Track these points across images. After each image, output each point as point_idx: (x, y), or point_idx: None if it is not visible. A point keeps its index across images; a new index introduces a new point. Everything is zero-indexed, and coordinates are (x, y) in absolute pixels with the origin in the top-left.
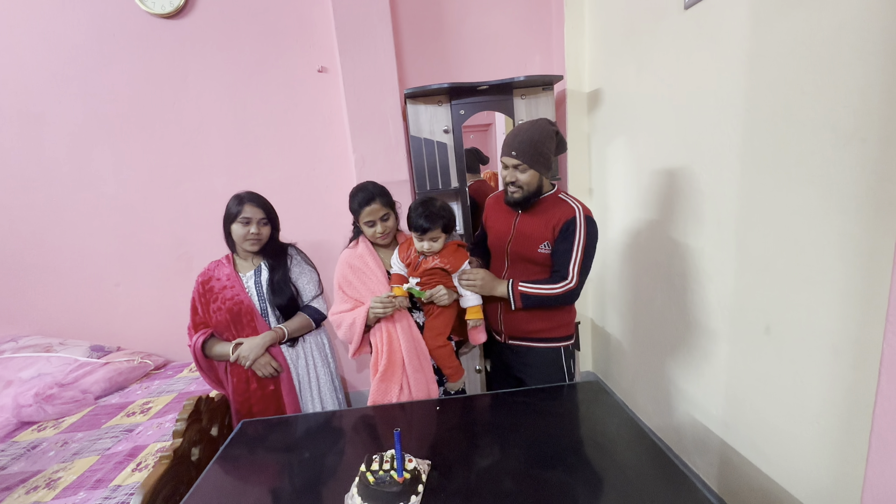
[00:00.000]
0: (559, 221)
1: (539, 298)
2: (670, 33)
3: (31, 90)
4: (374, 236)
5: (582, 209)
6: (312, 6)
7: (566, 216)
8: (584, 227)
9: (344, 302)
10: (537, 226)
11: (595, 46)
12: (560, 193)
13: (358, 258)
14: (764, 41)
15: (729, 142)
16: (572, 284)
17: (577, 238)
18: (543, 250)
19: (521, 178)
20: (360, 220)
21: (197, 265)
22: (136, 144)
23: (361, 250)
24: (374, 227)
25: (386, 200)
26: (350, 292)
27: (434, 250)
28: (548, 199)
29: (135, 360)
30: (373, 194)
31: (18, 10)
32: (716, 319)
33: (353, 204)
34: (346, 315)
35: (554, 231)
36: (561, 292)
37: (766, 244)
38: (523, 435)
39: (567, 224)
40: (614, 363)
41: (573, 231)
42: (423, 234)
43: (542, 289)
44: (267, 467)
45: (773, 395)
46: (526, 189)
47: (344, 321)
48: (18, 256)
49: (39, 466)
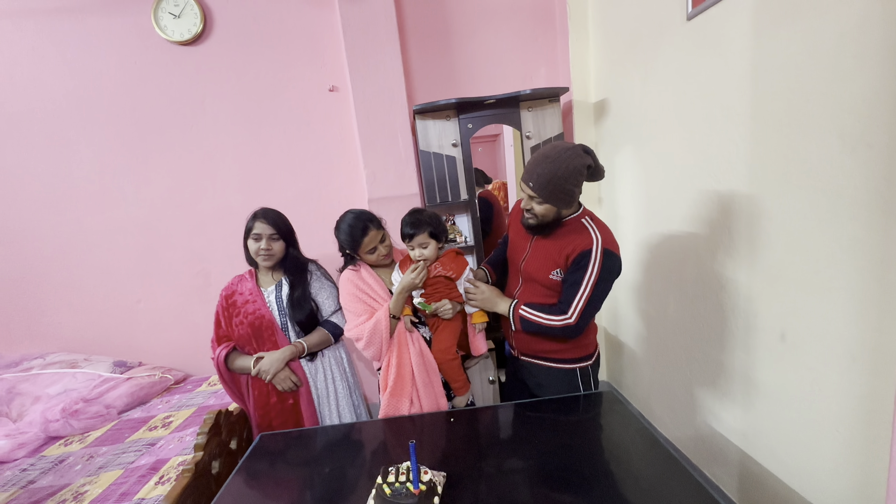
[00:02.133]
0: (574, 251)
1: (537, 326)
2: (674, 44)
3: (59, 116)
4: (377, 259)
5: (601, 240)
6: (323, 28)
7: (582, 247)
8: (600, 261)
9: (357, 315)
10: (552, 251)
11: (599, 57)
12: (584, 218)
13: (359, 278)
14: (767, 50)
15: (736, 150)
16: (571, 321)
17: (588, 272)
18: (555, 277)
19: (536, 209)
20: (362, 250)
21: (214, 281)
22: (156, 166)
23: (364, 274)
24: (375, 252)
25: (378, 224)
26: (358, 304)
27: (427, 256)
28: (569, 223)
29: (156, 375)
30: (365, 223)
31: (46, 41)
32: (730, 327)
33: (347, 238)
34: (365, 324)
35: (567, 260)
36: (558, 326)
37: (778, 251)
38: (538, 446)
39: (581, 255)
40: (628, 372)
41: (586, 264)
42: (411, 239)
43: (542, 317)
44: (285, 480)
45: (792, 403)
46: (540, 219)
47: (365, 329)
48: (46, 275)
49: (67, 480)
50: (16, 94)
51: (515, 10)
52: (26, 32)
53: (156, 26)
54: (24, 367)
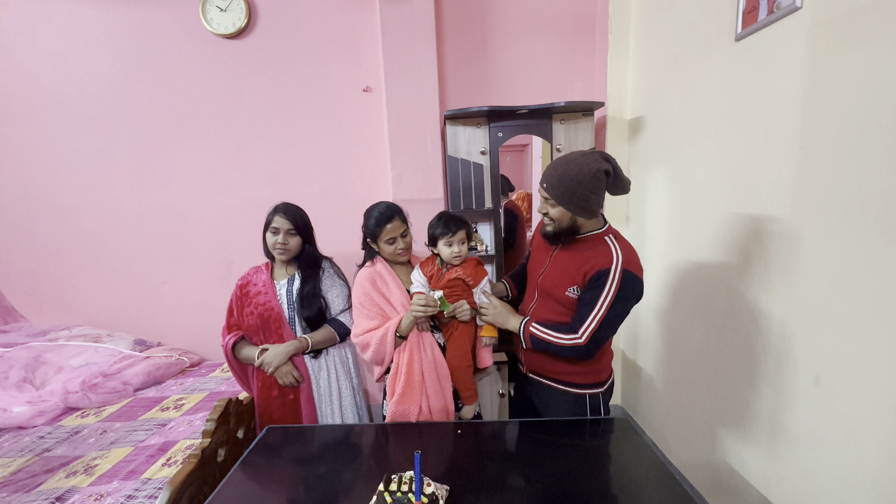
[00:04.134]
0: (592, 268)
1: (546, 344)
2: (719, 64)
3: (105, 100)
4: (394, 253)
5: (622, 259)
6: (361, 29)
7: (601, 265)
8: (618, 281)
9: (367, 319)
10: (570, 267)
11: (639, 74)
12: (608, 235)
13: (377, 275)
14: (822, 77)
15: (780, 179)
16: (580, 341)
17: (604, 292)
18: (571, 294)
19: (550, 212)
20: (381, 238)
21: (236, 270)
22: (190, 153)
23: (380, 269)
24: (394, 244)
25: (403, 217)
26: (371, 308)
27: (462, 253)
28: (591, 239)
29: (173, 357)
30: (392, 212)
31: (100, 27)
32: (759, 364)
33: (372, 222)
34: (373, 333)
35: (585, 277)
36: (567, 345)
37: (819, 289)
38: (546, 469)
39: (599, 274)
40: (644, 399)
41: (603, 283)
42: (453, 235)
43: (551, 335)
44: (288, 477)
45: (822, 452)
46: (557, 224)
47: (372, 339)
48: (80, 251)
49: (80, 452)
50: (68, 77)
51: (555, 21)
52: (82, 19)
53: (203, 19)
54: (52, 337)
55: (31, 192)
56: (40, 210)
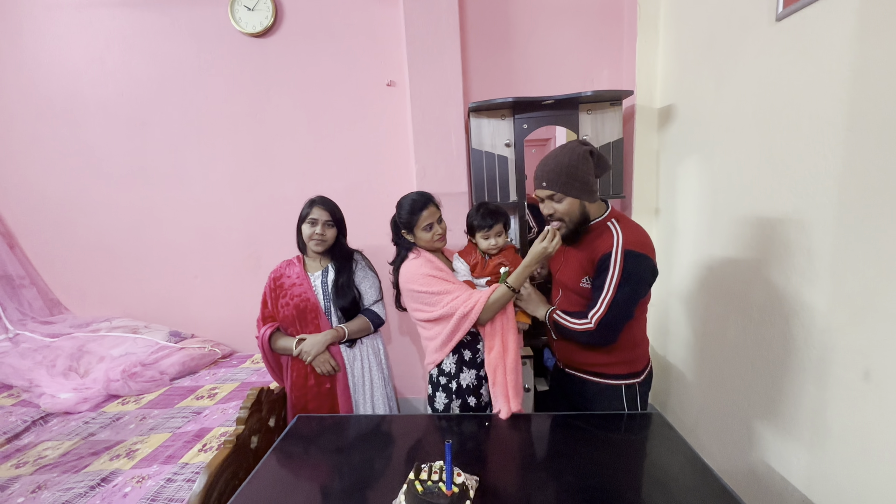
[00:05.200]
0: (597, 255)
1: (565, 330)
2: (758, 46)
3: (140, 100)
4: (432, 239)
5: (622, 240)
6: (385, 24)
7: (603, 249)
8: (620, 262)
9: (446, 294)
10: (581, 258)
11: (669, 61)
12: (610, 220)
13: (431, 262)
14: (871, 56)
15: (825, 164)
16: (590, 326)
17: (608, 276)
18: (585, 285)
19: (559, 209)
20: (418, 226)
21: (265, 264)
22: (220, 150)
23: (428, 256)
24: (431, 230)
25: (436, 203)
26: (442, 285)
27: (500, 245)
28: (596, 227)
29: (206, 348)
30: (426, 199)
31: (136, 29)
32: (801, 359)
33: (406, 211)
34: (459, 299)
35: (593, 265)
36: (579, 330)
37: (868, 280)
38: (577, 462)
39: (602, 259)
40: (675, 395)
41: (607, 267)
42: (490, 229)
43: (569, 320)
44: (318, 464)
45: (871, 452)
46: (569, 220)
47: (458, 307)
48: (118, 246)
49: (122, 437)
50: (106, 79)
51: (581, 9)
52: (118, 21)
53: (231, 18)
54: (94, 329)
55: (72, 190)
56: (81, 207)
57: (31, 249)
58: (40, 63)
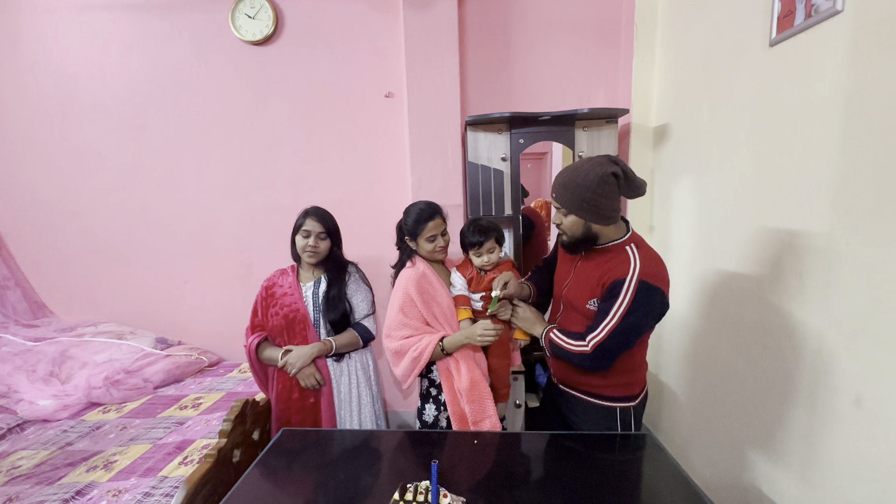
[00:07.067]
0: (609, 278)
1: (560, 350)
2: (752, 70)
3: (137, 104)
4: (433, 251)
5: (639, 269)
6: (385, 35)
7: (617, 274)
8: (633, 292)
9: (410, 328)
10: (591, 279)
11: (665, 81)
12: (629, 245)
13: (423, 278)
14: (864, 82)
15: (817, 186)
16: (586, 349)
17: (617, 302)
18: (591, 307)
19: (564, 222)
20: (422, 236)
21: (256, 272)
22: (215, 156)
23: (424, 270)
24: (434, 241)
25: (443, 216)
26: (412, 314)
27: (493, 261)
28: (612, 249)
29: (192, 356)
30: (434, 210)
31: (136, 34)
32: (793, 382)
33: (412, 220)
34: (412, 340)
35: (602, 288)
36: (574, 352)
37: (860, 305)
38: (567, 483)
39: (614, 284)
40: (666, 415)
41: (617, 294)
42: (480, 247)
43: (564, 341)
44: (302, 480)
45: (862, 479)
46: (571, 234)
47: (409, 349)
48: (107, 249)
49: (100, 447)
50: (103, 82)
51: (579, 27)
52: (119, 25)
53: (232, 26)
54: (78, 333)
55: (63, 191)
56: (71, 209)
57: (19, 251)
58: (37, 64)
